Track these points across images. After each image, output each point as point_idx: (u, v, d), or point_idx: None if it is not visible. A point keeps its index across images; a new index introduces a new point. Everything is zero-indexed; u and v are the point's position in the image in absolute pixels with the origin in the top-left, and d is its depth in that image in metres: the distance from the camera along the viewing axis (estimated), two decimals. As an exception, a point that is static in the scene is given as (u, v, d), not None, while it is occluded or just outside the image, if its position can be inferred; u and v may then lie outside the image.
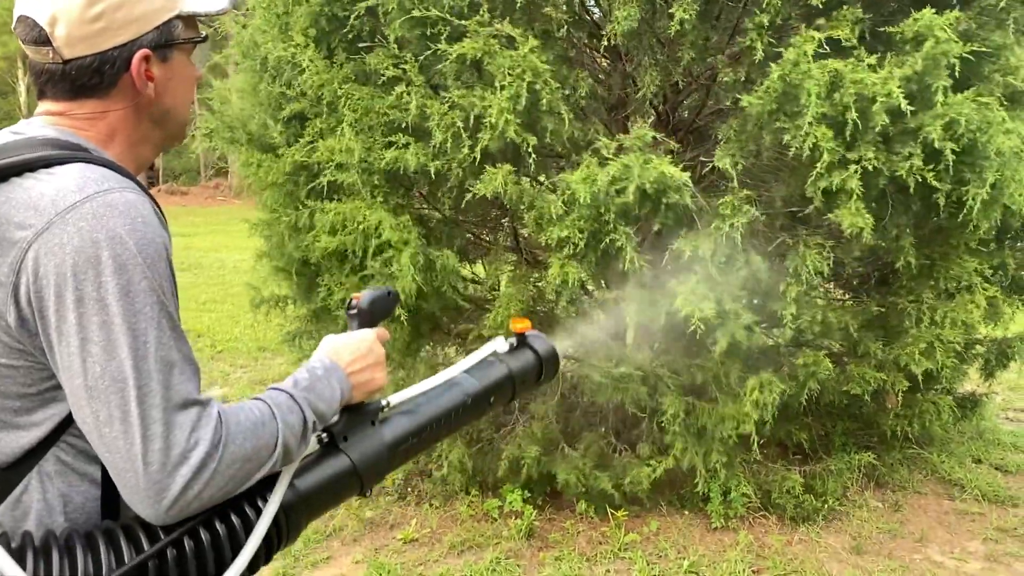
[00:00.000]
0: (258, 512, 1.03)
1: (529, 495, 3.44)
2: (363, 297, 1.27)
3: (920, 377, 3.07)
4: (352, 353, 1.18)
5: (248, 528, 1.01)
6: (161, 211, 1.06)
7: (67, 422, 0.98)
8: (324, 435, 1.17)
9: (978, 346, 3.65)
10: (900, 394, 3.19)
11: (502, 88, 2.72)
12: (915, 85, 2.60)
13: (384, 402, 1.25)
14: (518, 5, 2.85)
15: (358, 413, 1.21)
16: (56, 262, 0.92)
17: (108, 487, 1.00)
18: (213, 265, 10.94)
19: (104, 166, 1.00)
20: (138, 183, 1.04)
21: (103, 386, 0.90)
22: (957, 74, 2.58)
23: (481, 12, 2.83)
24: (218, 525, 0.99)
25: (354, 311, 1.27)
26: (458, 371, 1.38)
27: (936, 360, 2.95)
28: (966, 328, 3.05)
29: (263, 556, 1.05)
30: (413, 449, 1.28)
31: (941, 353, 2.94)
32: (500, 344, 1.48)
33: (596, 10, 3.40)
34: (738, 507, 3.36)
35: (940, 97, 2.53)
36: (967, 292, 3.05)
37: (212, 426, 0.93)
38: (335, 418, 1.18)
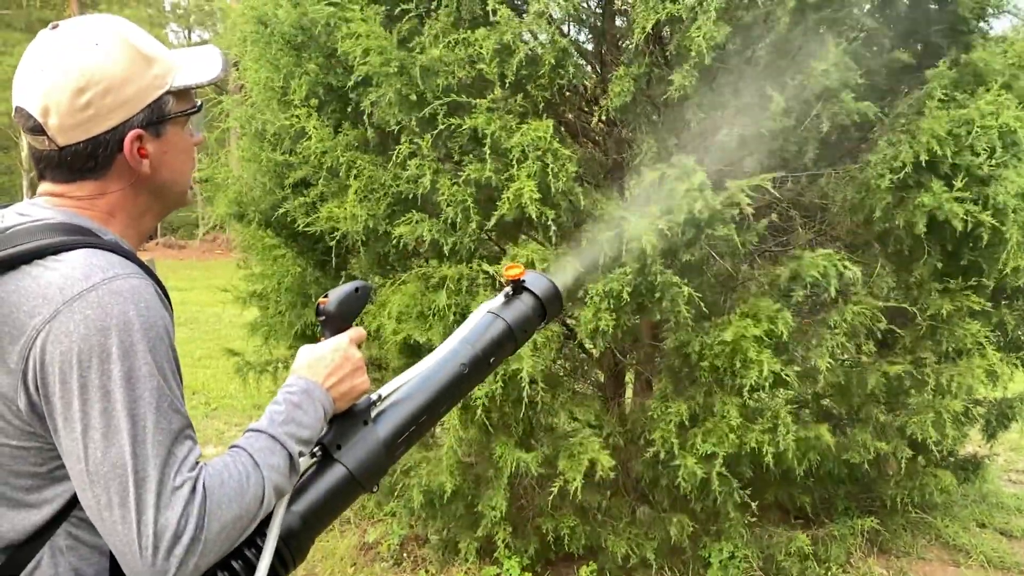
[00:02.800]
0: (258, 550, 1.03)
1: (528, 562, 3.37)
2: (330, 299, 1.18)
3: (923, 445, 3.05)
4: (327, 367, 1.16)
5: (250, 570, 1.02)
6: (164, 291, 1.08)
7: (77, 498, 0.99)
8: (317, 449, 1.15)
9: (979, 407, 3.63)
10: (904, 461, 3.15)
11: (520, 163, 2.72)
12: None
13: (375, 396, 1.21)
14: (508, 82, 2.89)
15: (348, 417, 1.18)
16: (62, 350, 0.94)
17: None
18: (210, 320, 10.89)
19: (109, 250, 1.03)
20: (140, 263, 1.06)
21: (103, 472, 0.93)
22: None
23: (494, 90, 2.87)
24: (220, 575, 1.00)
25: (323, 317, 1.19)
26: (455, 341, 1.33)
27: (944, 430, 2.93)
28: (969, 393, 3.04)
29: None
30: (415, 435, 1.24)
31: (951, 425, 2.92)
32: (494, 300, 1.41)
33: (590, 74, 3.46)
34: (739, 573, 3.29)
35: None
36: (969, 356, 3.04)
37: (198, 502, 0.95)
38: (323, 431, 1.15)
